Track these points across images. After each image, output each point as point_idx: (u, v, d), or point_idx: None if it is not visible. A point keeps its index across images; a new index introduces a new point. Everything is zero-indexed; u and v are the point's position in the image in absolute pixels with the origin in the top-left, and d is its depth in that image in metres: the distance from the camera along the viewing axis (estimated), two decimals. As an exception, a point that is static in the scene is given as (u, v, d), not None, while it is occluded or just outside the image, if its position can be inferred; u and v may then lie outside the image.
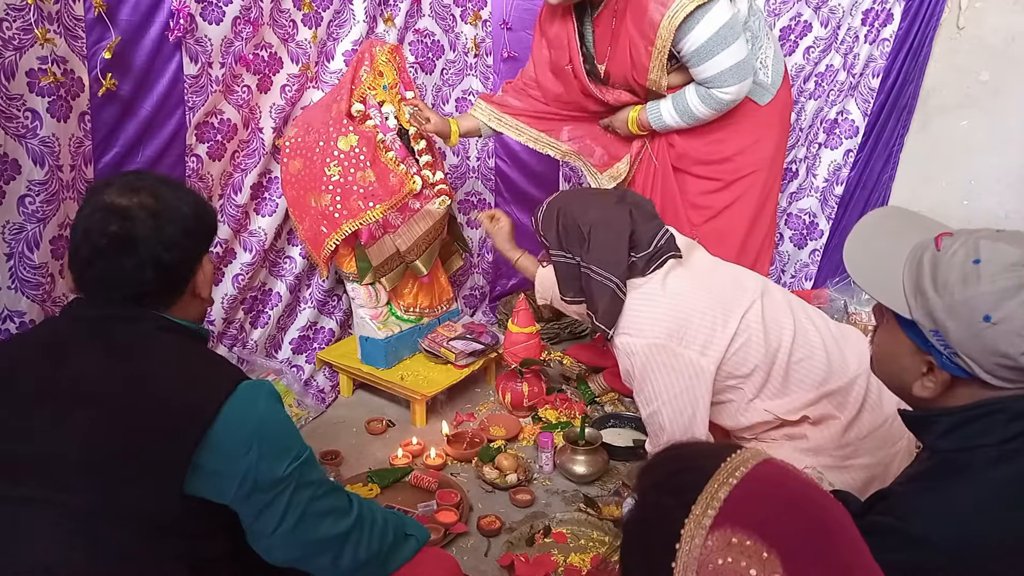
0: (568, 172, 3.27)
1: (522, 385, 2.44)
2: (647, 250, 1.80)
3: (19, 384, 1.07)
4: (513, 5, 2.97)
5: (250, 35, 2.20)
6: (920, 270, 0.99)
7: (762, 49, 2.29)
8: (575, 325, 3.12)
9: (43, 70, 1.71)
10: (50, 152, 1.75)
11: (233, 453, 1.03)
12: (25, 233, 1.74)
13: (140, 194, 1.11)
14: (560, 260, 1.89)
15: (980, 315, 0.92)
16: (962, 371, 0.96)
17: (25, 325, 1.75)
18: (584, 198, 1.96)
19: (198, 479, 1.03)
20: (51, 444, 1.02)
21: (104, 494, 1.01)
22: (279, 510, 1.08)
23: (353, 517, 1.18)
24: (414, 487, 2.05)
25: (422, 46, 2.83)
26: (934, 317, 0.96)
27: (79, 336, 1.09)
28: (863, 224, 1.15)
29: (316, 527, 1.12)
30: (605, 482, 2.12)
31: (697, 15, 2.05)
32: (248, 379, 1.10)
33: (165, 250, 1.10)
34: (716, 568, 0.64)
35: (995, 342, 0.92)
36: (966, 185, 3.01)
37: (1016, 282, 0.91)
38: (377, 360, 2.50)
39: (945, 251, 0.97)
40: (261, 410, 1.07)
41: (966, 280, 0.93)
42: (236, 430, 1.04)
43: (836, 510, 0.71)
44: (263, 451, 1.05)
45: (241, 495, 1.05)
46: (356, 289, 2.51)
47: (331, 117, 2.32)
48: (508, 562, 1.75)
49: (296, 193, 2.37)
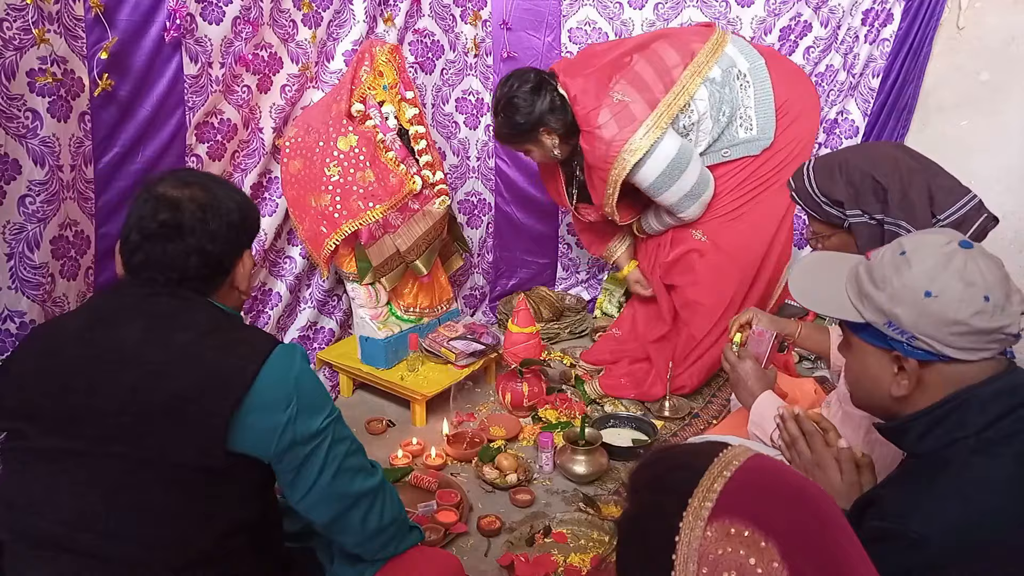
0: (568, 172, 3.27)
1: (522, 385, 2.44)
2: (951, 212, 1.54)
3: (68, 349, 1.13)
4: (513, 5, 2.97)
5: (250, 35, 2.20)
6: (859, 279, 1.10)
7: (740, 111, 2.43)
8: (575, 325, 3.13)
9: (42, 70, 1.71)
10: (50, 152, 1.75)
11: (273, 409, 1.11)
12: (25, 233, 1.74)
13: (192, 187, 1.21)
14: (858, 221, 1.60)
15: (921, 293, 1.01)
16: (927, 353, 1.03)
17: (25, 325, 1.75)
18: (861, 148, 1.74)
19: (241, 434, 1.09)
20: (100, 403, 1.08)
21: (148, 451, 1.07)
22: (318, 463, 1.16)
23: (379, 477, 1.28)
24: (414, 487, 2.05)
25: (422, 46, 2.83)
26: (883, 310, 1.05)
27: (126, 308, 1.17)
28: (800, 265, 1.31)
29: (351, 481, 1.21)
30: (605, 482, 2.12)
31: (643, 160, 2.30)
32: (282, 343, 1.17)
33: (210, 241, 1.19)
34: (716, 558, 0.66)
35: (943, 312, 1.00)
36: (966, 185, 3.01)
37: (943, 258, 1.02)
38: (377, 360, 2.50)
39: (875, 257, 1.10)
40: (297, 370, 1.15)
41: (899, 269, 1.05)
42: (275, 389, 1.11)
43: (827, 501, 0.72)
44: (301, 406, 1.13)
45: (281, 448, 1.12)
46: (356, 289, 2.51)
47: (331, 117, 2.32)
48: (508, 562, 1.75)
49: (296, 193, 2.37)
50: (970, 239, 1.06)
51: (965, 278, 1.00)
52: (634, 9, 3.04)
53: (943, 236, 1.05)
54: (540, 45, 3.06)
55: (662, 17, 3.03)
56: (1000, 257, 1.05)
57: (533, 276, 3.36)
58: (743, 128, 2.44)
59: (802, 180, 1.69)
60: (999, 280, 1.01)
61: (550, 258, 3.38)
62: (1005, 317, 1.00)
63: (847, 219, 1.62)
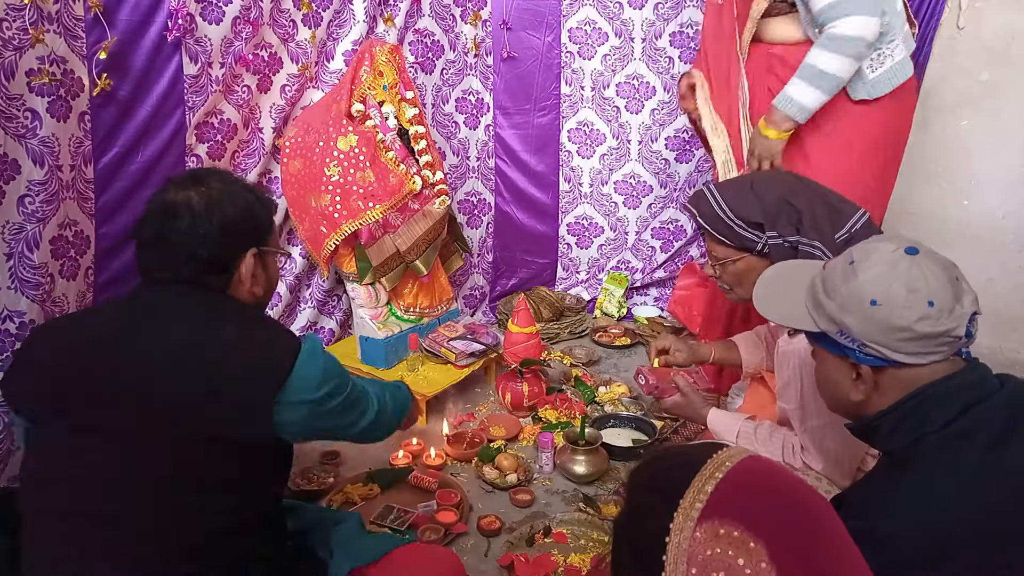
0: (568, 173, 3.28)
1: (522, 385, 2.44)
2: (846, 229, 1.61)
3: (107, 338, 1.17)
4: (513, 5, 2.97)
5: (250, 35, 2.20)
6: (814, 289, 1.14)
7: (889, 44, 2.09)
8: (575, 325, 3.13)
9: (41, 70, 1.71)
10: (50, 152, 1.75)
11: (307, 391, 1.19)
12: (25, 233, 1.74)
13: (191, 190, 1.25)
14: (775, 243, 1.64)
15: (867, 301, 1.04)
16: (877, 359, 1.06)
17: (25, 325, 1.75)
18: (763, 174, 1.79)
19: (284, 408, 1.17)
20: (149, 387, 1.13)
21: (195, 430, 1.12)
22: (339, 426, 1.32)
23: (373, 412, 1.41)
24: (414, 487, 2.05)
25: (422, 46, 2.83)
26: (834, 319, 1.09)
27: (163, 302, 1.22)
28: (764, 276, 1.33)
29: (355, 423, 1.37)
30: (605, 482, 2.12)
31: None
32: (308, 334, 1.29)
33: (201, 245, 1.22)
34: (705, 559, 0.66)
35: (888, 319, 1.02)
36: (966, 185, 3.01)
37: (888, 266, 1.04)
38: (377, 360, 2.50)
39: (829, 267, 1.14)
40: (321, 361, 1.23)
41: (846, 278, 1.08)
42: (307, 380, 1.19)
43: (821, 503, 0.73)
44: (330, 390, 1.24)
45: (310, 420, 1.22)
46: (356, 289, 2.51)
47: (331, 117, 2.32)
48: (508, 562, 1.75)
49: (296, 193, 2.37)
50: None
51: (909, 284, 1.02)
52: (634, 9, 3.04)
53: (890, 244, 1.07)
54: (540, 45, 3.06)
55: (662, 17, 3.03)
56: (999, 257, 1.05)
57: (533, 276, 3.36)
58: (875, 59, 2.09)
59: (709, 204, 1.70)
60: (944, 284, 1.01)
61: (550, 258, 3.38)
62: (951, 320, 1.00)
63: (765, 242, 1.64)
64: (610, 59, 3.12)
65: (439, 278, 2.69)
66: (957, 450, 0.98)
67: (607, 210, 3.33)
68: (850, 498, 1.08)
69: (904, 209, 3.01)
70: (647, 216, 3.32)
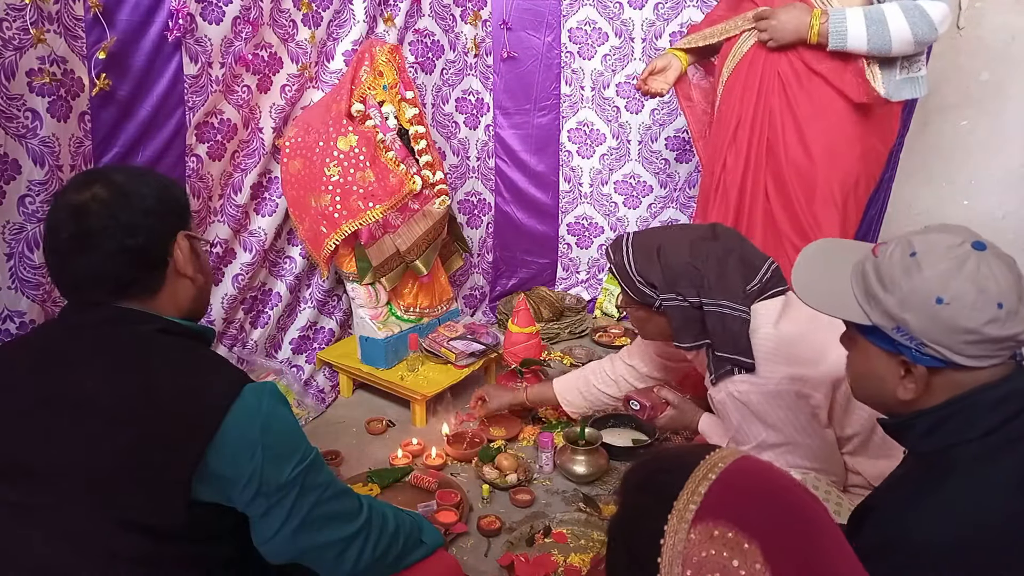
0: (568, 173, 3.28)
1: (522, 385, 2.43)
2: (756, 279, 1.69)
3: (20, 392, 1.06)
4: (513, 5, 2.97)
5: (250, 35, 2.20)
6: (866, 278, 1.05)
7: (923, 57, 2.04)
8: (575, 325, 3.13)
9: (42, 70, 1.71)
10: (50, 152, 1.75)
11: (238, 457, 1.03)
12: (25, 233, 1.74)
13: (94, 186, 1.09)
14: (672, 304, 1.69)
15: (932, 299, 0.96)
16: (936, 360, 0.99)
17: (25, 325, 1.75)
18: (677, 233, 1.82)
19: (205, 485, 1.02)
20: (57, 454, 1.01)
21: (111, 504, 1.00)
22: (282, 514, 1.07)
23: (360, 521, 1.17)
24: (414, 487, 2.05)
25: (422, 46, 2.83)
26: (891, 315, 1.00)
27: (79, 345, 1.08)
28: (803, 258, 1.22)
29: (319, 531, 1.11)
30: (605, 482, 2.12)
31: None
32: (251, 382, 1.07)
33: (129, 235, 1.08)
34: (700, 560, 0.66)
35: (954, 320, 0.95)
36: (966, 185, 3.01)
37: (955, 262, 0.96)
38: (377, 360, 2.50)
39: (883, 255, 1.04)
40: (265, 413, 1.05)
41: (908, 272, 0.99)
42: (240, 435, 1.03)
43: (814, 503, 0.72)
44: (267, 455, 1.04)
45: (246, 498, 1.05)
46: (356, 289, 2.51)
47: (331, 117, 2.32)
48: (508, 562, 1.75)
49: (296, 193, 2.37)
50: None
51: (978, 284, 0.95)
52: (634, 9, 3.04)
53: (955, 236, 0.99)
54: (540, 45, 3.06)
55: (662, 17, 3.03)
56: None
57: (533, 276, 3.36)
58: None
59: (621, 255, 1.76)
60: (1012, 284, 0.96)
61: (550, 258, 3.38)
62: (1018, 324, 0.95)
63: (659, 301, 1.71)
64: (610, 59, 3.12)
65: (439, 278, 2.69)
66: (997, 460, 0.95)
67: (607, 210, 3.33)
68: (879, 506, 1.03)
69: (904, 209, 3.02)
70: (647, 216, 3.32)
